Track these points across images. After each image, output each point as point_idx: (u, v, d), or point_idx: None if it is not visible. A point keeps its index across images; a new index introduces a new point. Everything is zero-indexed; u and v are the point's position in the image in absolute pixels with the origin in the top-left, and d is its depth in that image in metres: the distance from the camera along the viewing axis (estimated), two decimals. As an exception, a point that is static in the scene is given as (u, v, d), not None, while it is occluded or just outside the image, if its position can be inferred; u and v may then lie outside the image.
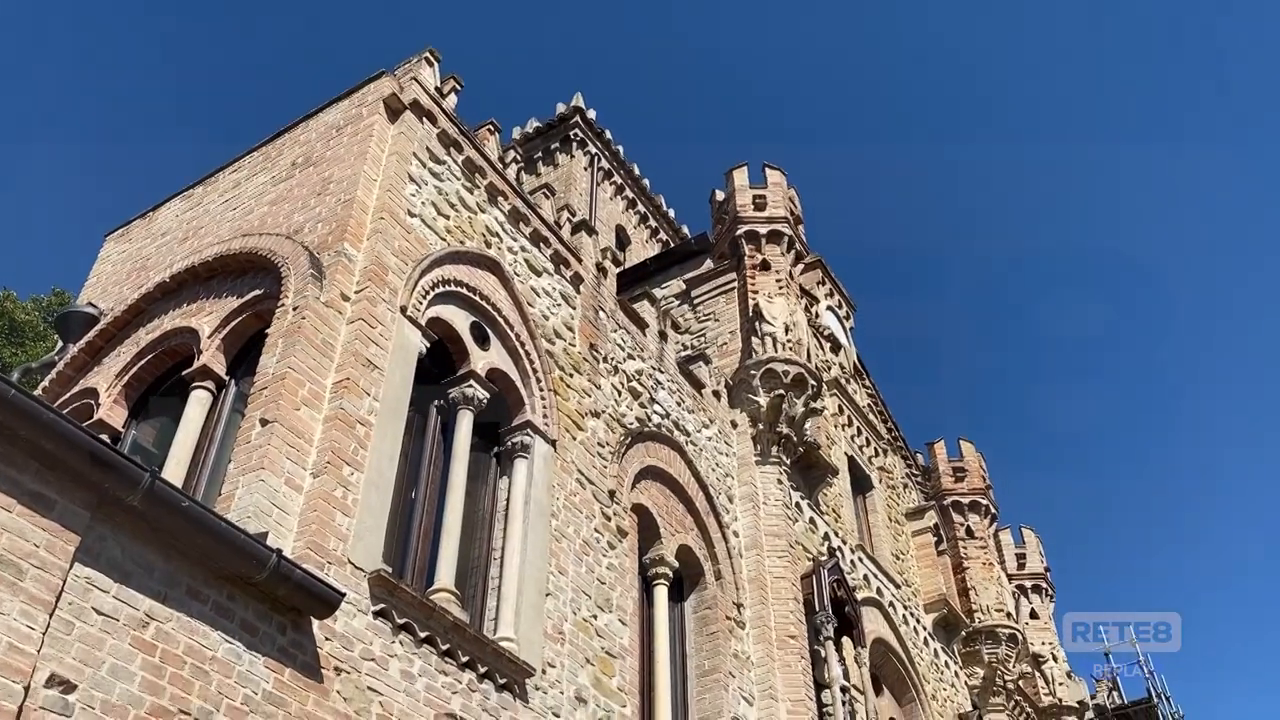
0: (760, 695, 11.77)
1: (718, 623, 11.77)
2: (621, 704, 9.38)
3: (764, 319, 14.80)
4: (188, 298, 9.57)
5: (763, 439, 14.15)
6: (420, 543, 8.29)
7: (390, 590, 7.20)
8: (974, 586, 19.50)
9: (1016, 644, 19.22)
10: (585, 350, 11.15)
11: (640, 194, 28.81)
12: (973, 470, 21.45)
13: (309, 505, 7.03)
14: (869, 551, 16.97)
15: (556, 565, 9.25)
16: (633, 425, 11.60)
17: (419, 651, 7.30)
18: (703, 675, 11.40)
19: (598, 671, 9.23)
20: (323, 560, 6.82)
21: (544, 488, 9.46)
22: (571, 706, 8.70)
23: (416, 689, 7.14)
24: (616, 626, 9.82)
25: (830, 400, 17.87)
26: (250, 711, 5.85)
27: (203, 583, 5.88)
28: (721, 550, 12.39)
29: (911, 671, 16.33)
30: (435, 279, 9.10)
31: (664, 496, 11.95)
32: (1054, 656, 22.56)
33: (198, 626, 5.75)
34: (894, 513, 19.11)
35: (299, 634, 6.37)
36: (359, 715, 6.58)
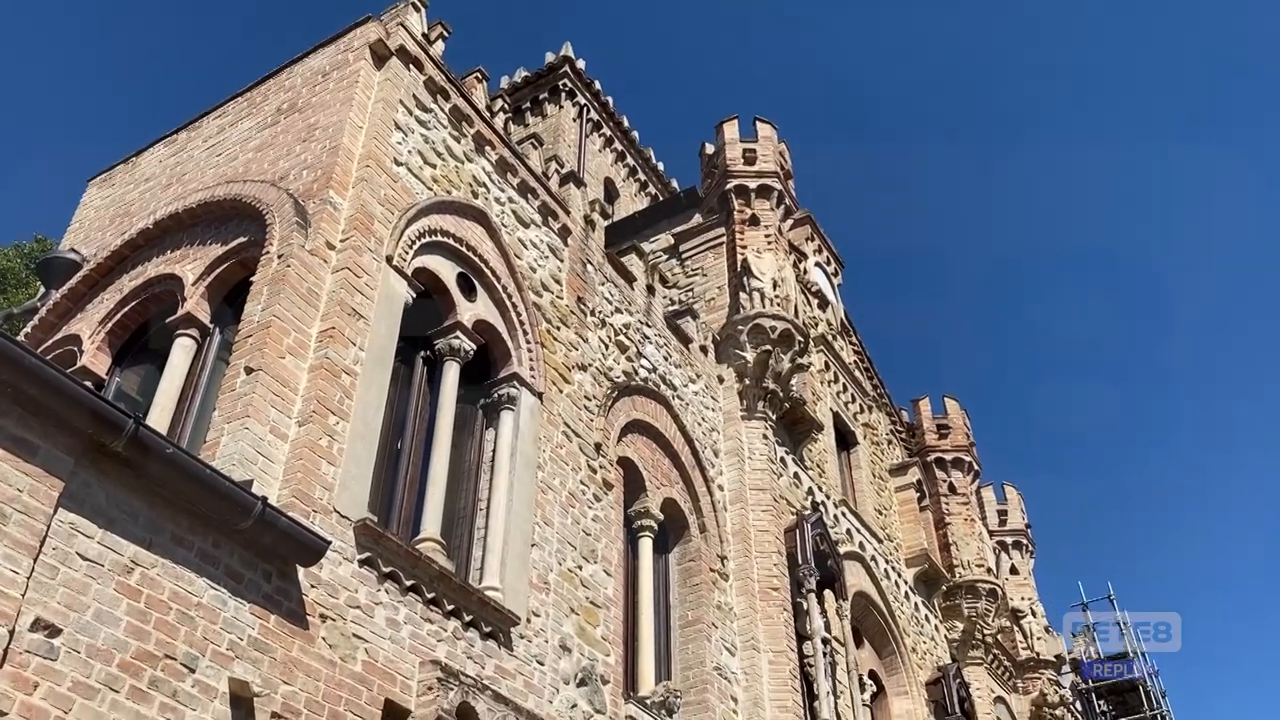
0: (742, 646, 11.91)
1: (701, 575, 11.88)
2: (605, 653, 9.48)
3: (752, 274, 14.77)
4: (171, 244, 9.48)
5: (749, 394, 14.19)
6: (406, 493, 8.32)
7: (376, 539, 7.23)
8: (955, 542, 19.71)
9: (996, 599, 19.47)
10: (573, 303, 11.12)
11: (630, 147, 28.57)
12: (956, 427, 21.59)
13: (294, 454, 7.03)
14: (852, 506, 17.11)
15: (542, 516, 9.30)
16: (619, 379, 11.61)
17: (405, 600, 7.35)
18: (686, 626, 11.52)
19: (582, 621, 9.32)
20: (308, 509, 6.84)
21: (530, 439, 9.47)
22: (556, 655, 8.79)
23: (402, 636, 7.20)
24: (601, 577, 9.90)
25: (817, 357, 17.91)
26: (236, 657, 5.89)
27: (187, 529, 5.88)
28: (706, 504, 12.47)
29: (892, 624, 16.55)
30: (421, 229, 9.04)
31: (650, 450, 12.00)
32: (1033, 611, 22.90)
33: (183, 573, 5.77)
34: (878, 468, 19.25)
35: (284, 581, 6.40)
36: (344, 661, 6.63)
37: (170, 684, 5.48)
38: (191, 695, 5.58)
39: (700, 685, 11.00)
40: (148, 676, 5.38)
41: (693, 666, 11.18)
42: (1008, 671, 21.13)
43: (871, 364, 21.19)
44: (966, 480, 20.94)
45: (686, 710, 10.64)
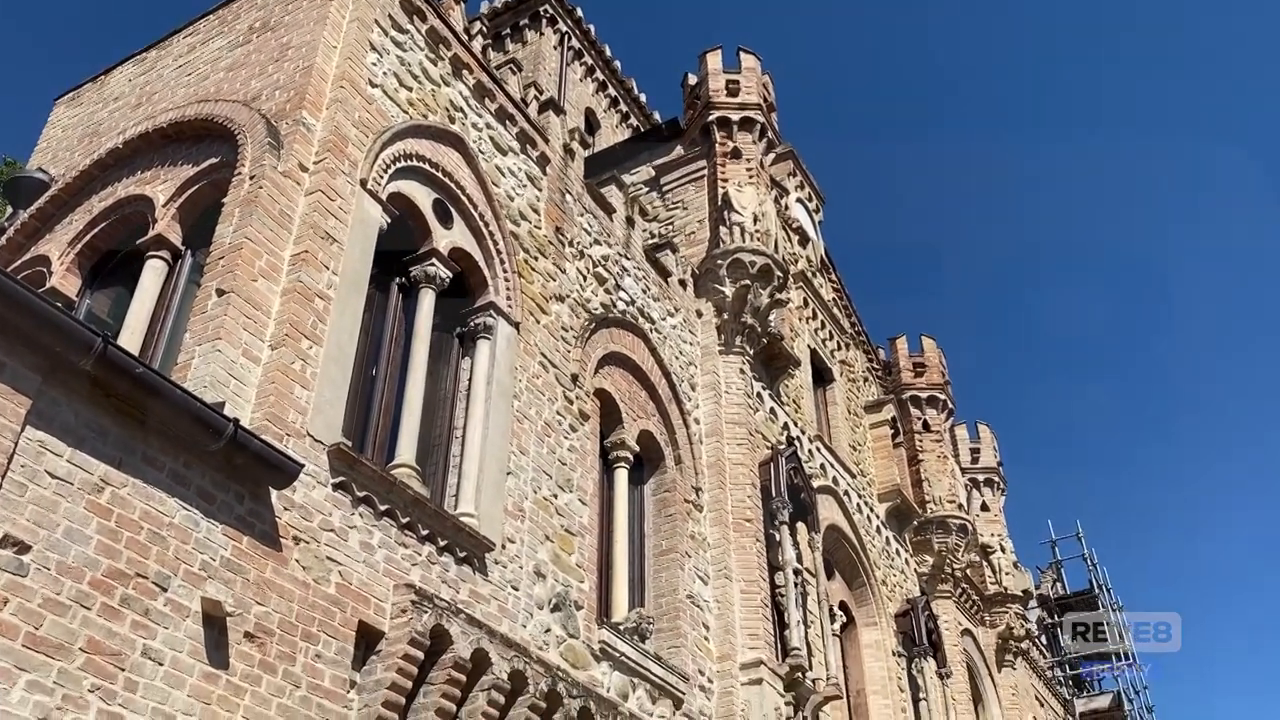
0: (715, 575, 12.07)
1: (676, 505, 11.99)
2: (580, 579, 9.58)
3: (733, 208, 14.67)
4: (142, 165, 9.30)
5: (727, 329, 14.18)
6: (381, 419, 8.30)
7: (350, 464, 7.23)
8: (928, 478, 19.96)
9: (966, 534, 19.79)
10: (551, 233, 11.03)
11: (611, 77, 28.13)
12: (932, 366, 21.73)
13: (267, 377, 6.98)
14: (827, 442, 17.25)
15: (518, 445, 9.32)
16: (597, 311, 11.57)
17: (379, 524, 7.38)
18: (660, 555, 11.65)
19: (557, 548, 9.41)
20: (281, 432, 6.81)
21: (506, 369, 9.45)
22: (530, 580, 8.88)
23: (376, 560, 7.24)
24: (576, 506, 9.97)
25: (796, 293, 17.90)
26: (208, 577, 5.91)
27: (158, 450, 5.86)
28: (682, 436, 12.54)
29: (863, 557, 16.80)
30: (396, 153, 8.89)
31: (627, 382, 12.01)
32: (1002, 547, 23.30)
33: (154, 493, 5.76)
34: (853, 405, 19.38)
35: (257, 503, 6.40)
36: (318, 584, 6.67)
37: (142, 602, 5.50)
38: (164, 614, 5.60)
39: (673, 612, 11.17)
40: (119, 594, 5.40)
41: (666, 594, 11.33)
42: (975, 605, 21.57)
43: (850, 302, 21.23)
44: (940, 418, 21.14)
45: (659, 636, 10.81)
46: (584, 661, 9.23)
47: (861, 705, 15.54)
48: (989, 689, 20.97)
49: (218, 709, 5.73)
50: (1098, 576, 31.53)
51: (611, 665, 9.64)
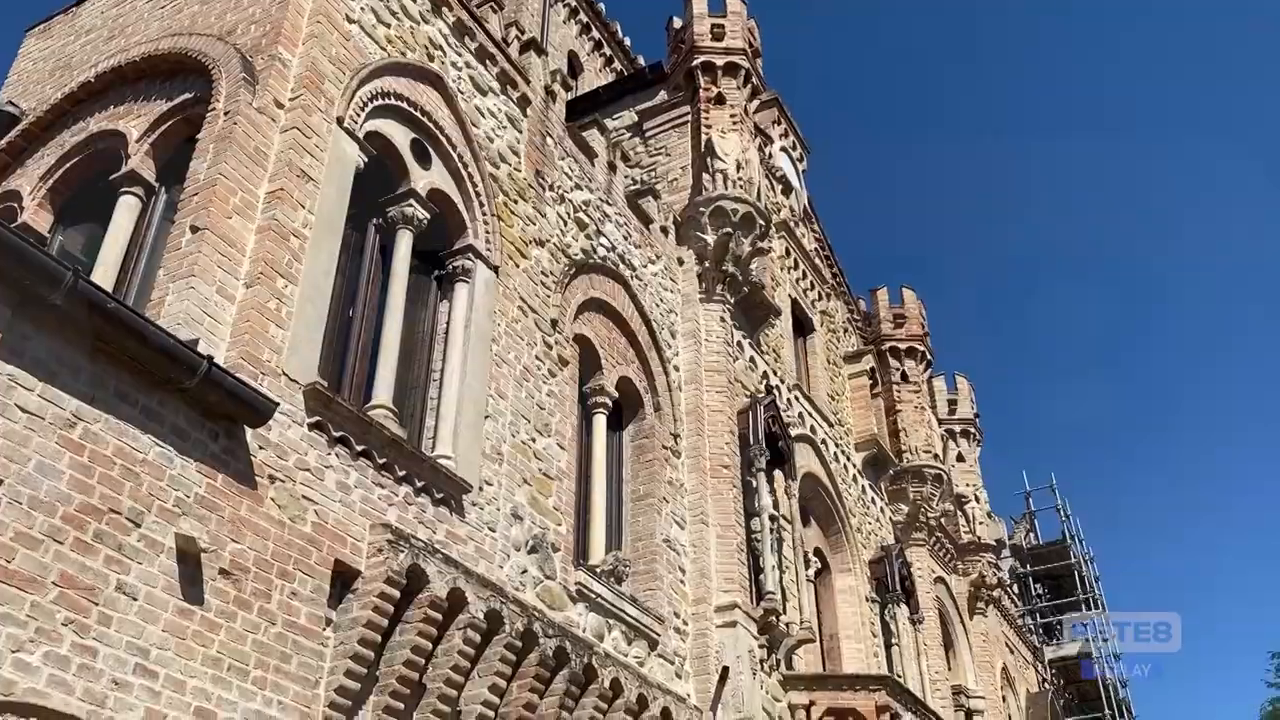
0: (692, 520, 12.18)
1: (654, 451, 12.05)
2: (557, 522, 9.65)
3: (716, 155, 14.55)
4: (114, 100, 9.14)
5: (708, 277, 14.15)
6: (357, 360, 8.28)
7: (326, 404, 7.21)
8: (905, 428, 20.11)
9: (941, 484, 20.00)
10: (531, 176, 10.92)
11: (595, 19, 27.71)
12: (912, 317, 21.80)
13: (242, 316, 6.94)
14: (805, 391, 17.34)
15: (496, 389, 9.32)
16: (577, 256, 11.51)
17: (355, 464, 7.39)
18: (637, 500, 11.74)
19: (534, 491, 9.45)
20: (256, 370, 6.78)
21: (485, 313, 9.42)
22: (508, 522, 8.93)
23: (352, 499, 7.26)
24: (555, 450, 10.00)
25: (778, 242, 17.86)
26: (182, 514, 5.92)
27: (131, 386, 5.83)
28: (661, 383, 12.56)
29: (839, 505, 16.98)
30: (374, 91, 8.76)
31: (606, 329, 12.00)
32: (976, 497, 23.59)
33: (127, 429, 5.73)
34: (833, 355, 19.45)
35: (232, 441, 6.39)
36: (294, 522, 6.69)
37: (115, 537, 5.51)
38: (137, 549, 5.61)
39: (649, 556, 11.28)
40: (92, 529, 5.40)
41: (642, 538, 11.44)
42: (949, 554, 21.88)
43: (832, 252, 21.21)
44: (919, 369, 21.26)
45: (635, 579, 10.92)
46: (560, 602, 9.32)
47: (834, 649, 15.81)
48: (960, 635, 21.36)
49: (192, 644, 5.77)
50: (1070, 527, 32.04)
51: (588, 606, 9.74)
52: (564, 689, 8.50)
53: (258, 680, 6.08)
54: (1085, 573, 31.07)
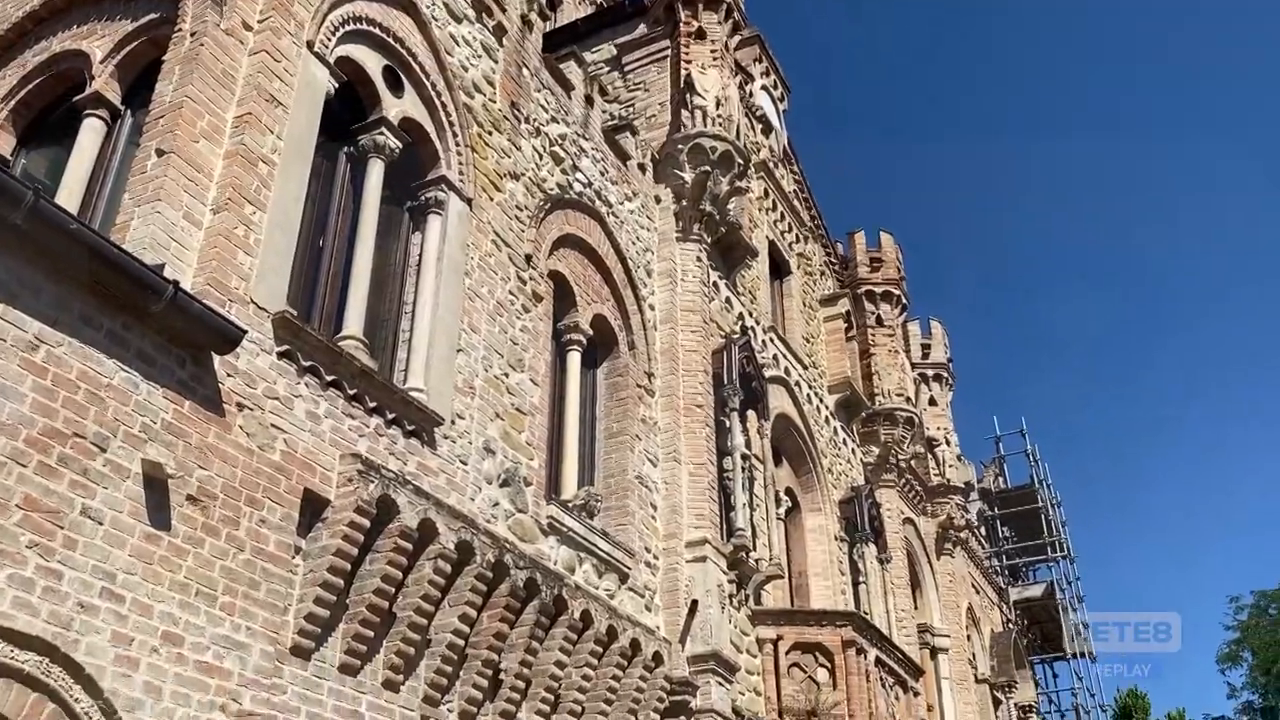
0: (664, 458, 12.25)
1: (628, 389, 12.07)
2: (529, 457, 9.67)
3: (695, 91, 14.37)
4: (78, 19, 8.87)
5: (685, 216, 14.06)
6: (327, 291, 8.19)
7: (295, 333, 7.15)
8: (878, 372, 20.22)
9: (913, 427, 20.19)
10: (506, 108, 10.75)
11: (576, -48, 27.11)
12: (889, 261, 21.80)
13: (209, 242, 6.83)
14: (780, 333, 17.37)
15: (469, 323, 9.27)
16: (553, 191, 11.39)
17: (325, 394, 7.35)
18: (610, 437, 11.78)
19: (507, 426, 9.46)
20: (224, 298, 6.70)
21: (458, 245, 9.33)
22: (480, 456, 8.94)
23: (322, 430, 7.23)
24: (528, 386, 9.99)
25: (756, 183, 17.75)
26: (149, 440, 5.87)
27: (96, 310, 5.75)
28: (636, 322, 12.54)
29: (811, 446, 17.11)
30: (345, 15, 8.55)
31: (582, 266, 11.93)
32: (947, 441, 23.84)
33: (91, 353, 5.66)
34: (809, 298, 19.47)
35: (199, 368, 6.33)
36: (262, 450, 6.66)
37: (80, 462, 5.47)
38: (103, 474, 5.58)
39: (621, 492, 11.35)
40: (56, 453, 5.36)
41: (615, 474, 11.50)
42: (918, 495, 22.15)
43: (811, 194, 21.10)
44: (894, 313, 21.32)
45: (607, 514, 11.00)
46: (532, 535, 9.39)
47: (803, 586, 16.05)
48: (927, 575, 21.72)
49: (160, 569, 5.77)
50: (1039, 472, 32.52)
51: (559, 540, 9.81)
52: (534, 619, 8.60)
53: (226, 606, 6.10)
54: (1052, 516, 31.63)
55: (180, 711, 5.65)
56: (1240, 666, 36.40)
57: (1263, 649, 35.06)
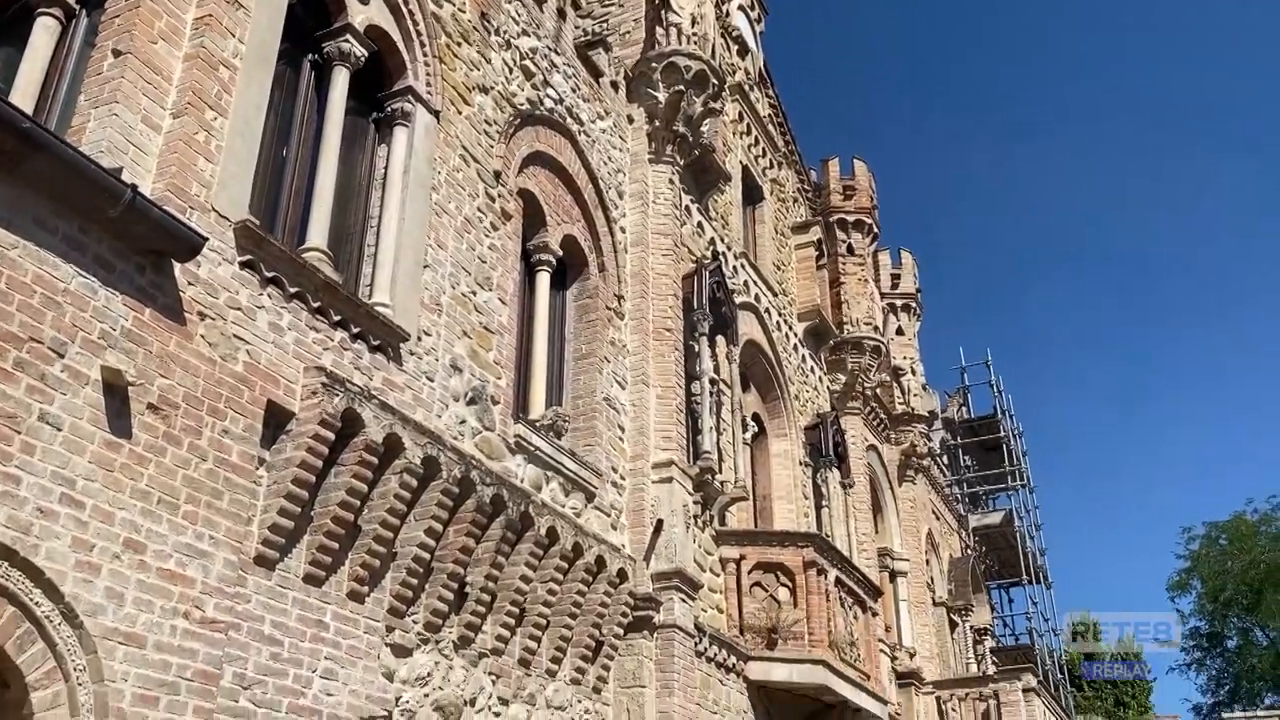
0: (633, 380, 12.27)
1: (597, 311, 12.03)
2: (497, 376, 9.65)
3: (670, 8, 14.08)
4: (27, -87, 8.49)
5: (658, 137, 13.88)
6: (291, 202, 8.04)
7: (257, 243, 7.03)
8: (847, 300, 20.31)
9: (879, 355, 20.35)
10: (476, 19, 10.49)
11: None
12: (862, 189, 21.74)
13: (168, 147, 6.66)
14: (752, 260, 17.34)
15: (435, 239, 9.15)
16: (523, 106, 11.18)
17: (288, 306, 7.26)
18: (579, 358, 11.77)
19: (474, 344, 9.41)
20: (184, 205, 6.56)
21: (425, 159, 9.16)
22: (446, 373, 8.91)
23: (286, 342, 7.15)
24: (496, 304, 9.93)
25: (731, 106, 17.54)
26: (108, 346, 5.79)
27: (51, 213, 5.61)
28: (607, 244, 12.45)
29: (779, 373, 17.22)
30: (310, -86, 8.26)
31: (552, 185, 11.78)
32: (913, 370, 24.07)
33: (47, 257, 5.54)
34: (781, 225, 19.41)
35: (159, 275, 6.22)
36: (225, 361, 6.59)
37: (37, 367, 5.38)
38: (61, 380, 5.50)
39: (589, 413, 11.39)
40: (12, 358, 5.27)
41: (583, 396, 11.52)
42: (883, 423, 22.43)
43: (786, 119, 20.90)
44: (865, 242, 21.34)
45: (574, 435, 11.04)
46: (499, 453, 9.41)
47: (767, 509, 16.28)
48: (889, 501, 22.10)
49: (120, 476, 5.73)
50: (1002, 403, 32.94)
51: (526, 458, 9.85)
52: (500, 535, 8.67)
53: (189, 515, 6.08)
54: (1013, 446, 32.15)
55: (143, 617, 5.66)
56: (1189, 594, 37.56)
57: (1211, 577, 36.15)
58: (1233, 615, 36.70)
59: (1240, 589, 35.36)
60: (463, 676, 8.40)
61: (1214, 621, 37.28)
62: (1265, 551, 35.03)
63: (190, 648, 5.90)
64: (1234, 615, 36.68)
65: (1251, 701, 32.78)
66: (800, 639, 12.81)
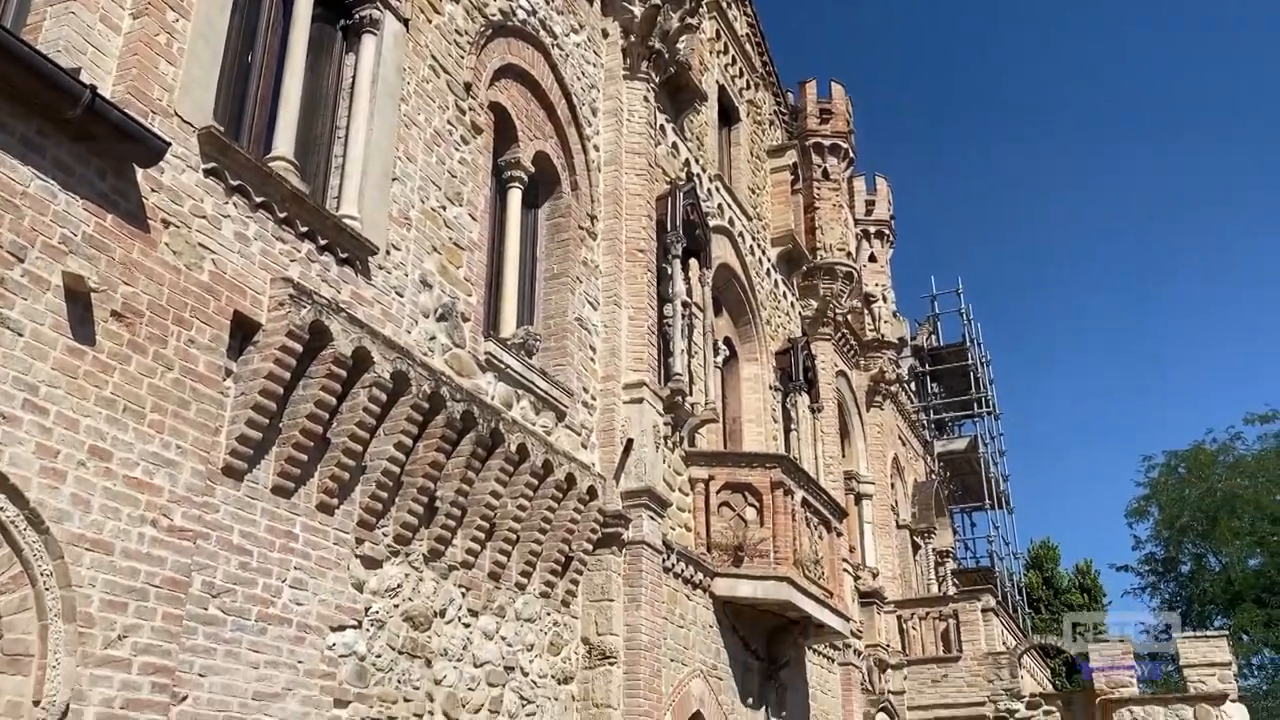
0: (605, 301, 12.24)
1: (570, 231, 11.93)
2: (467, 293, 9.59)
3: (646, -80, 13.71)
4: None
5: (633, 52, 13.63)
6: (256, 110, 7.86)
7: (222, 150, 6.88)
8: (821, 226, 20.27)
9: (851, 282, 20.41)
10: (447, -76, 10.17)
11: None
12: (839, 113, 21.55)
13: (129, 48, 6.46)
14: (726, 182, 17.21)
15: (404, 152, 9.00)
16: (495, 17, 10.92)
17: (255, 216, 7.14)
18: (551, 278, 11.71)
19: (444, 260, 9.33)
20: (146, 109, 6.39)
21: (393, 69, 8.96)
22: (416, 289, 8.84)
23: (252, 252, 7.05)
24: (466, 221, 9.82)
25: (709, 23, 17.24)
26: (70, 252, 5.68)
27: (7, 114, 5.45)
28: (580, 162, 12.30)
29: (751, 297, 17.24)
30: None
31: (524, 99, 11.57)
32: (884, 297, 24.20)
33: (4, 158, 5.40)
34: (756, 148, 19.24)
35: (121, 181, 6.08)
36: (190, 269, 6.49)
37: (-3, 270, 5.28)
38: (21, 284, 5.40)
39: (560, 333, 11.37)
40: (-30, 260, 5.16)
41: (554, 316, 11.49)
42: (853, 350, 22.59)
43: (764, 39, 20.58)
44: (840, 167, 21.23)
45: (545, 354, 11.04)
46: (469, 370, 9.40)
47: (736, 432, 16.43)
48: (856, 426, 22.37)
49: (85, 384, 5.67)
50: (971, 331, 33.25)
51: (497, 376, 9.85)
52: (471, 450, 8.70)
53: (155, 424, 6.05)
54: (980, 374, 32.54)
55: (110, 524, 5.66)
56: (1147, 521, 38.50)
57: (1169, 504, 37.03)
58: (1188, 541, 37.72)
59: (1196, 516, 36.28)
60: (433, 588, 8.50)
61: (1169, 547, 38.30)
62: (1221, 480, 35.91)
63: (158, 555, 5.91)
64: (1189, 541, 37.70)
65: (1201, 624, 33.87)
66: (766, 557, 13.04)
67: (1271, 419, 36.43)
